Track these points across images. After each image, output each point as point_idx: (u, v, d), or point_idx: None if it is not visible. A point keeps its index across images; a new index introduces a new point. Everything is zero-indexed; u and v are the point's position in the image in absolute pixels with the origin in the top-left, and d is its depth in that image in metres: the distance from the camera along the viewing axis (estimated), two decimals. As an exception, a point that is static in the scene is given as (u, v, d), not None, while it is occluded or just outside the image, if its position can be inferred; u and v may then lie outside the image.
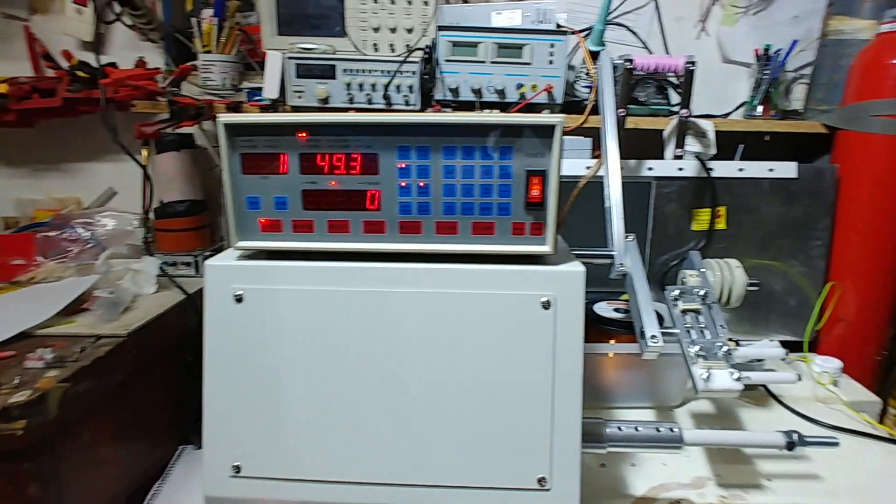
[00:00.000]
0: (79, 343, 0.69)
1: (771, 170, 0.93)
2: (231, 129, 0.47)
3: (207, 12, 1.03)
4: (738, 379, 0.56)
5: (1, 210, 1.22)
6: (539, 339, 0.48)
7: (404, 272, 0.49)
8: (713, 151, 0.94)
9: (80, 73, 0.98)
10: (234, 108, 1.01)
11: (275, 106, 0.97)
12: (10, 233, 1.09)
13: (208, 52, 1.02)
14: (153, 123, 0.97)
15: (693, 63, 0.85)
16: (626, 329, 0.77)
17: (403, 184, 0.48)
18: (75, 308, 0.80)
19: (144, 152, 1.01)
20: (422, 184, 0.48)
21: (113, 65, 1.07)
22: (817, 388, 0.83)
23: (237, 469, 0.50)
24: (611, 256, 0.64)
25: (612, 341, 0.77)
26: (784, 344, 0.75)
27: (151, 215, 1.01)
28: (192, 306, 0.86)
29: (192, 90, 1.04)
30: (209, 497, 0.51)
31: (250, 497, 0.28)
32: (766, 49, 1.07)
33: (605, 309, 0.82)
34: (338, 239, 0.50)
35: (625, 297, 0.85)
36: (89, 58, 1.02)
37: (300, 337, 0.49)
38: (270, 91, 0.94)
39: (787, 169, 0.93)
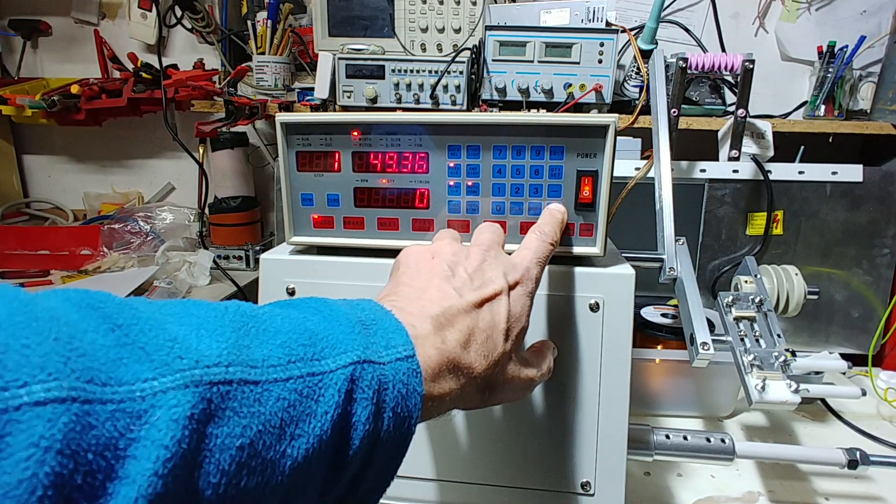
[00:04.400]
0: (140, 330, 0.73)
1: (834, 173, 0.88)
2: (288, 127, 0.49)
3: (262, 15, 1.07)
4: (796, 391, 0.54)
5: (70, 203, 1.30)
6: (586, 341, 0.48)
7: (452, 270, 0.49)
8: (771, 153, 0.90)
9: (145, 75, 1.03)
10: (287, 107, 1.04)
11: (325, 105, 0.99)
12: (79, 225, 1.17)
13: (262, 53, 1.06)
14: (211, 122, 1.02)
15: (752, 61, 0.82)
16: (674, 335, 0.75)
17: (452, 183, 0.49)
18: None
19: (201, 150, 1.06)
20: (470, 183, 0.48)
21: (174, 66, 1.13)
22: (881, 404, 0.79)
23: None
24: (660, 260, 0.62)
25: (660, 347, 0.75)
26: (845, 357, 0.71)
27: (206, 210, 1.06)
28: (243, 298, 0.89)
29: (247, 90, 1.08)
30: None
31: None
32: (831, 46, 1.02)
33: (652, 314, 0.80)
34: (387, 236, 0.50)
35: (673, 302, 0.83)
36: (152, 60, 1.08)
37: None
38: (321, 91, 0.96)
39: (851, 172, 0.88)
